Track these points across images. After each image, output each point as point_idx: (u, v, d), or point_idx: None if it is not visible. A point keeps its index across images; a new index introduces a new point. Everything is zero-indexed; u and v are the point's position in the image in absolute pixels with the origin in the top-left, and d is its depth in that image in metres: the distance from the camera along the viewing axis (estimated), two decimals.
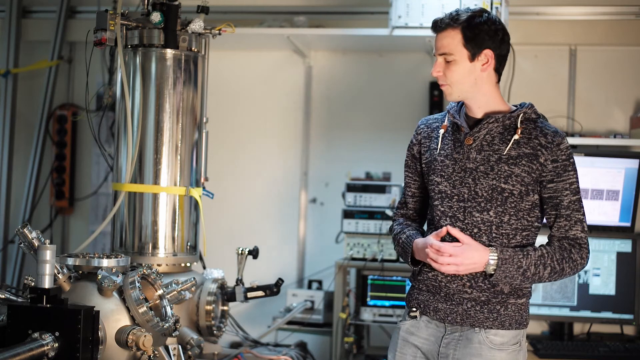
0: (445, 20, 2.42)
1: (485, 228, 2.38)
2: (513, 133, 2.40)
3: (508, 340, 2.40)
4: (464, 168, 2.41)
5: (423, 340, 2.48)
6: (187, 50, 3.10)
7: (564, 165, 2.38)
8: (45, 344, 2.24)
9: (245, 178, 4.33)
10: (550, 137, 2.38)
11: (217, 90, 4.02)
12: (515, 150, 2.38)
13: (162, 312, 2.68)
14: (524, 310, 2.44)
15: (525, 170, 2.37)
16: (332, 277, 3.81)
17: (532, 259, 2.35)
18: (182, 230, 3.11)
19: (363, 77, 4.26)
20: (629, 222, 3.70)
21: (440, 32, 2.42)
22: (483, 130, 2.40)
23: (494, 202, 2.37)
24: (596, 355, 3.43)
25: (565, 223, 2.39)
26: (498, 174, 2.37)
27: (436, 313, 2.44)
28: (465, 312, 2.39)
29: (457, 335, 2.42)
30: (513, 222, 2.39)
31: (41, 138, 4.41)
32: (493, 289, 2.38)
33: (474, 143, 2.41)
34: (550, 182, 2.38)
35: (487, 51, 2.41)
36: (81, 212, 4.52)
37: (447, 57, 2.40)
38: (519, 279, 2.36)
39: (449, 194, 2.42)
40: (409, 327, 2.50)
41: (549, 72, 4.06)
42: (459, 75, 2.40)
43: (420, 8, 3.61)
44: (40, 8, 4.52)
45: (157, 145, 3.07)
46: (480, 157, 2.40)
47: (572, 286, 3.72)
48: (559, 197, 2.38)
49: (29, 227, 2.48)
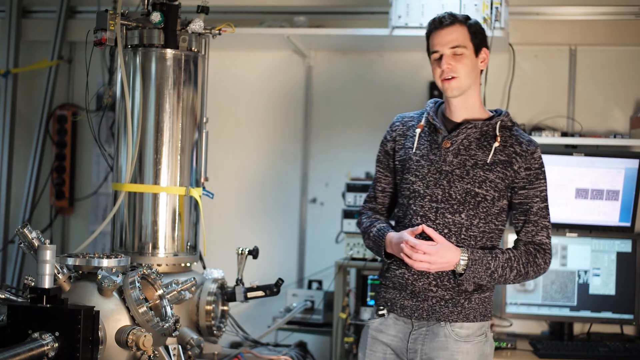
0: (448, 17, 2.48)
1: (455, 229, 2.45)
2: (490, 139, 2.47)
3: (473, 332, 2.47)
4: (440, 170, 2.47)
5: (392, 337, 2.54)
6: (187, 50, 3.10)
7: (537, 174, 2.47)
8: (45, 344, 2.24)
9: (245, 178, 4.34)
10: (525, 146, 2.46)
11: (217, 90, 4.02)
12: (492, 156, 2.45)
13: (162, 312, 2.68)
14: (488, 302, 2.52)
15: (500, 176, 2.44)
16: (332, 277, 3.81)
17: (500, 262, 2.42)
18: (182, 230, 3.11)
19: (363, 77, 4.26)
20: (629, 222, 3.70)
21: (446, 28, 2.48)
22: (461, 134, 2.46)
23: (467, 205, 2.44)
24: (596, 355, 3.43)
25: (533, 229, 2.48)
26: (473, 179, 2.44)
27: (403, 310, 2.51)
28: (430, 307, 2.47)
29: (424, 330, 2.49)
30: (482, 226, 2.46)
31: (41, 138, 4.40)
32: (457, 288, 2.46)
33: (451, 146, 2.47)
34: (522, 188, 2.46)
35: (485, 49, 2.50)
36: (81, 212, 4.52)
37: (458, 50, 2.45)
38: (486, 279, 2.43)
39: (422, 193, 2.48)
40: (378, 325, 2.57)
41: (549, 72, 4.06)
42: (468, 68, 2.47)
43: (420, 8, 3.61)
44: (40, 8, 4.52)
45: (157, 145, 3.07)
46: (457, 161, 2.46)
47: (572, 286, 3.72)
48: (529, 203, 2.47)
49: (29, 227, 2.48)
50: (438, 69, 2.49)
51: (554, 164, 3.72)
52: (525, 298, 3.74)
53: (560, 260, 3.74)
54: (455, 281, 2.45)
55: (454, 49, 2.46)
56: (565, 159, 3.72)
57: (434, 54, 2.51)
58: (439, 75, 2.49)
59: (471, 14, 3.56)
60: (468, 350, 2.45)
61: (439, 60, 2.49)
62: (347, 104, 4.26)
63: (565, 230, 3.76)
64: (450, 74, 2.46)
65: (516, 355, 3.52)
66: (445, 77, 2.47)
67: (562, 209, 3.73)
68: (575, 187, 3.72)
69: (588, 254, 3.73)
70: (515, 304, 3.75)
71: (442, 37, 2.47)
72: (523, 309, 3.75)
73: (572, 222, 3.74)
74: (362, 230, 2.64)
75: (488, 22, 3.57)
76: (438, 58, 2.49)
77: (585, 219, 3.73)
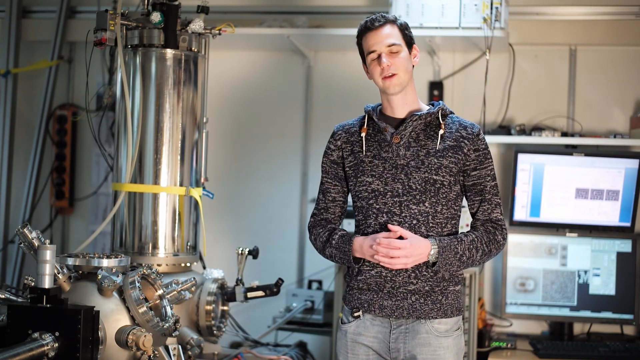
0: (380, 18, 2.59)
1: (422, 219, 2.53)
2: (435, 128, 2.58)
3: (451, 327, 2.55)
4: (395, 165, 2.55)
5: (372, 338, 2.58)
6: (187, 50, 3.10)
7: (484, 154, 2.57)
8: (45, 344, 2.24)
9: (245, 178, 4.33)
10: (470, 129, 2.58)
11: (217, 90, 4.02)
12: (441, 144, 2.55)
13: (162, 312, 2.68)
14: (460, 297, 2.61)
15: (452, 161, 2.54)
16: (332, 277, 3.81)
17: (465, 244, 2.52)
18: (182, 230, 3.11)
19: (363, 77, 4.23)
20: (629, 222, 3.70)
21: (379, 28, 2.57)
22: (408, 128, 2.56)
23: (428, 194, 2.53)
24: (596, 355, 3.43)
25: (488, 207, 2.58)
26: (429, 167, 2.53)
27: (382, 310, 2.55)
28: (411, 306, 2.52)
29: (403, 328, 2.54)
30: (445, 212, 2.55)
31: (41, 138, 4.40)
32: (435, 276, 2.53)
33: (401, 141, 2.56)
34: (474, 170, 2.57)
35: (414, 46, 2.62)
36: (81, 212, 4.52)
37: (394, 48, 2.55)
38: (456, 264, 2.52)
39: (382, 191, 2.55)
40: (355, 328, 2.60)
41: (549, 72, 4.06)
42: (405, 63, 2.57)
43: (420, 8, 3.62)
44: (40, 8, 4.52)
45: (157, 145, 3.07)
46: (410, 153, 2.55)
47: (572, 286, 3.72)
48: (483, 183, 2.58)
49: (29, 227, 2.48)
50: (378, 68, 2.57)
51: (554, 164, 3.72)
52: (525, 298, 3.74)
53: (560, 260, 3.74)
54: (432, 271, 2.52)
55: (390, 47, 2.55)
56: (565, 159, 3.72)
57: (371, 54, 2.58)
58: (379, 74, 2.57)
59: (471, 14, 3.61)
60: (448, 344, 2.53)
61: (377, 59, 2.57)
62: (347, 104, 4.25)
63: (565, 230, 3.76)
64: (391, 71, 2.54)
65: (516, 355, 3.52)
66: (386, 75, 2.55)
67: (562, 209, 3.73)
68: (575, 187, 3.72)
69: (588, 254, 3.73)
70: (515, 304, 3.75)
71: (377, 37, 2.57)
72: (523, 309, 3.75)
73: (572, 222, 3.74)
74: (320, 241, 2.66)
75: (488, 22, 3.57)
76: (376, 57, 2.57)
77: (585, 219, 3.73)
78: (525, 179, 3.74)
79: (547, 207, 3.74)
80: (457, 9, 3.61)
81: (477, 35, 3.63)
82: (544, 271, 3.74)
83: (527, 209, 3.75)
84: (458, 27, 3.63)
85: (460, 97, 4.05)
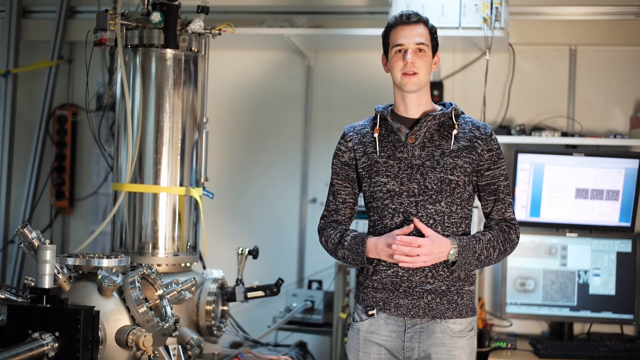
0: (414, 15, 2.58)
1: (439, 218, 2.54)
2: (449, 129, 2.58)
3: (465, 327, 2.56)
4: (410, 165, 2.55)
5: (385, 337, 2.57)
6: (187, 50, 3.10)
7: (497, 154, 2.59)
8: (45, 344, 2.24)
9: (245, 178, 4.34)
10: (483, 130, 2.59)
11: (217, 90, 4.03)
12: (455, 144, 2.56)
13: (162, 312, 2.69)
14: (474, 298, 2.63)
15: (467, 161, 2.55)
16: (332, 277, 3.81)
17: (483, 244, 2.52)
18: (182, 230, 3.11)
19: (363, 77, 4.26)
20: (629, 222, 3.70)
21: (413, 25, 2.56)
22: (423, 128, 2.56)
23: (444, 194, 2.53)
24: (596, 355, 3.43)
25: (502, 206, 2.60)
26: (444, 167, 2.54)
27: (398, 309, 2.54)
28: (427, 305, 2.52)
29: (418, 327, 2.54)
30: (459, 211, 2.57)
31: (41, 138, 4.40)
32: (451, 275, 2.53)
33: (416, 141, 2.56)
34: (488, 169, 2.58)
35: (437, 54, 2.62)
36: (81, 212, 4.52)
37: (422, 47, 2.55)
38: (474, 263, 2.52)
39: (398, 191, 2.55)
40: (369, 326, 2.60)
41: (549, 72, 4.06)
42: (428, 67, 2.57)
43: (420, 8, 3.61)
44: (40, 8, 4.52)
45: (157, 145, 3.07)
46: (425, 153, 2.55)
47: (572, 286, 3.72)
48: (496, 182, 2.59)
49: (29, 227, 2.48)
50: (400, 62, 2.55)
51: (554, 164, 3.72)
52: (525, 298, 3.74)
53: (560, 260, 3.74)
54: (449, 270, 2.52)
55: (418, 45, 2.54)
56: (565, 159, 3.72)
57: (397, 47, 2.56)
58: (400, 68, 2.55)
59: (471, 14, 3.61)
60: (462, 345, 2.53)
61: (401, 53, 2.55)
62: (347, 104, 4.26)
63: (565, 230, 3.76)
64: (413, 69, 2.54)
65: (516, 355, 3.52)
66: (407, 72, 2.54)
67: (562, 209, 3.73)
68: (575, 187, 3.72)
69: (588, 254, 3.73)
70: (515, 304, 3.75)
71: (409, 32, 2.55)
72: (523, 309, 3.75)
73: (572, 222, 3.74)
74: (332, 243, 2.65)
75: (488, 22, 3.58)
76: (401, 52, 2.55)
77: (585, 219, 3.73)
78: (525, 179, 3.74)
79: (547, 207, 3.74)
80: (457, 8, 3.61)
81: (477, 35, 3.63)
82: (544, 271, 3.74)
83: (527, 209, 3.75)
84: (458, 27, 3.63)
85: (460, 97, 4.05)
